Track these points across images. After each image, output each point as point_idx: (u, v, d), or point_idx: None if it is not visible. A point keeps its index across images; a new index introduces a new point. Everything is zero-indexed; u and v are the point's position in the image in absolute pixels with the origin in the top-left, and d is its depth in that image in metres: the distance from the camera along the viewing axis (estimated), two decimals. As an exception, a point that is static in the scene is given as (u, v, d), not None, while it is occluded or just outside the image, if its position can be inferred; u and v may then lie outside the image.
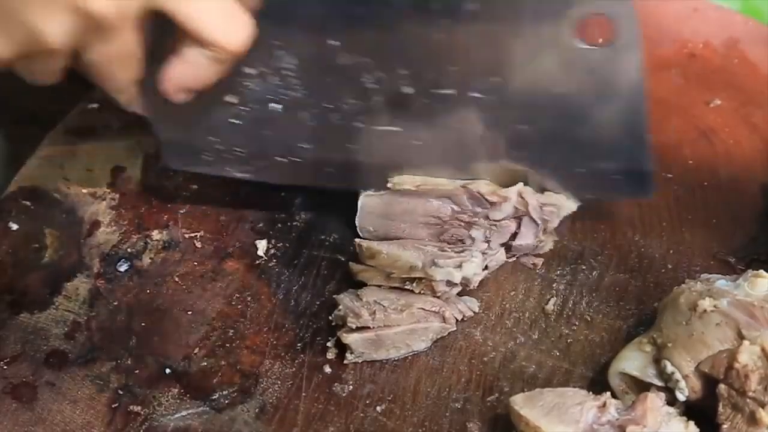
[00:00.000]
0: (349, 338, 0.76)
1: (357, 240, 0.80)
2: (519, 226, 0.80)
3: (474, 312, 0.80)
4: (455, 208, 0.80)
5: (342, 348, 0.78)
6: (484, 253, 0.79)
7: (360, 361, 0.78)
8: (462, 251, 0.79)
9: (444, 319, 0.78)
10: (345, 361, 0.77)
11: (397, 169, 0.80)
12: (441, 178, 0.79)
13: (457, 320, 0.79)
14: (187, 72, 0.70)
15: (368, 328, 0.76)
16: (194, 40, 0.68)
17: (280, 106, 0.78)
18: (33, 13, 0.62)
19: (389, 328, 0.76)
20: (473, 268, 0.77)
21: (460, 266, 0.76)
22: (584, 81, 0.76)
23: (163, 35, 0.69)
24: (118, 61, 0.67)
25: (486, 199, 0.78)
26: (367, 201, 0.82)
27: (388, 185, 0.80)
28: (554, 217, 0.80)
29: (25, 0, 0.61)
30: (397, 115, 0.78)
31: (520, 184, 0.79)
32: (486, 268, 0.80)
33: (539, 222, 0.79)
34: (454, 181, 0.79)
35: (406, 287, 0.78)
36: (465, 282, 0.77)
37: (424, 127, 0.78)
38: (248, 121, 0.79)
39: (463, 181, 0.79)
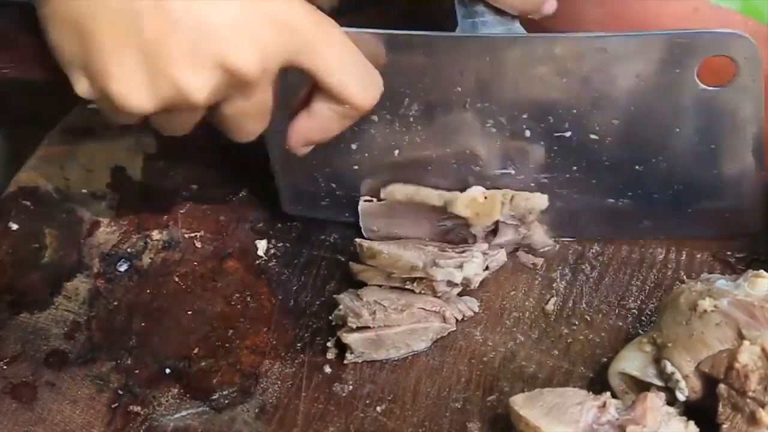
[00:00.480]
0: (349, 338, 0.76)
1: (357, 240, 0.81)
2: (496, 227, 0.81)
3: (474, 312, 0.80)
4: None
5: (342, 348, 0.78)
6: (484, 254, 0.79)
7: (360, 361, 0.78)
8: (463, 251, 0.79)
9: (444, 319, 0.78)
10: (345, 361, 0.77)
11: None
12: (430, 191, 0.79)
13: (457, 320, 0.79)
14: (314, 126, 0.71)
15: (368, 327, 0.76)
16: (326, 95, 0.69)
17: (399, 152, 0.80)
18: (180, 69, 0.63)
19: (389, 328, 0.76)
20: (474, 269, 0.77)
21: (461, 266, 0.76)
22: (705, 121, 0.76)
23: (289, 88, 0.71)
24: (250, 116, 0.69)
25: (465, 221, 0.79)
26: (366, 206, 0.82)
27: (381, 195, 0.81)
28: (528, 214, 0.80)
29: (173, 57, 0.63)
30: (515, 159, 0.79)
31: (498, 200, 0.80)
32: (487, 268, 0.80)
33: (514, 222, 0.80)
34: (442, 195, 0.79)
35: (406, 287, 0.78)
36: (466, 282, 0.77)
37: (542, 170, 0.80)
38: (369, 168, 0.81)
39: (450, 195, 0.79)
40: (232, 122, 0.69)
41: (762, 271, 0.71)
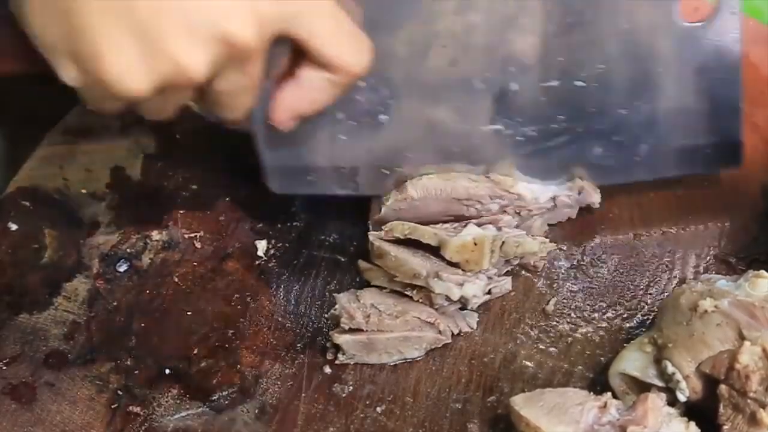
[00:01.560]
0: (341, 339, 0.76)
1: (371, 237, 0.79)
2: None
3: (472, 328, 0.79)
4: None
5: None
6: (489, 278, 0.78)
7: (353, 363, 0.77)
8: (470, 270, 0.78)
9: (439, 331, 0.77)
10: (336, 361, 0.77)
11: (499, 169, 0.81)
12: (427, 229, 0.78)
13: (453, 333, 0.78)
14: (303, 97, 0.70)
15: (361, 330, 0.76)
16: (316, 63, 0.68)
17: (387, 117, 0.79)
18: (177, 45, 0.61)
19: (382, 333, 0.76)
20: (474, 290, 0.76)
21: (462, 284, 0.76)
22: (685, 59, 0.78)
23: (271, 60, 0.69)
24: (244, 91, 0.67)
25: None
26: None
27: (379, 233, 0.79)
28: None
29: (170, 33, 0.61)
30: (501, 113, 0.79)
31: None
32: (489, 293, 0.79)
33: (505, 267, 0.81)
34: (437, 234, 0.78)
35: (406, 293, 0.78)
36: (463, 301, 0.77)
37: (529, 122, 0.80)
38: (355, 136, 0.80)
39: (444, 236, 0.78)
40: (225, 98, 0.67)
41: (762, 272, 0.71)
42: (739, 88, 0.80)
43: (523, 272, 0.83)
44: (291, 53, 0.69)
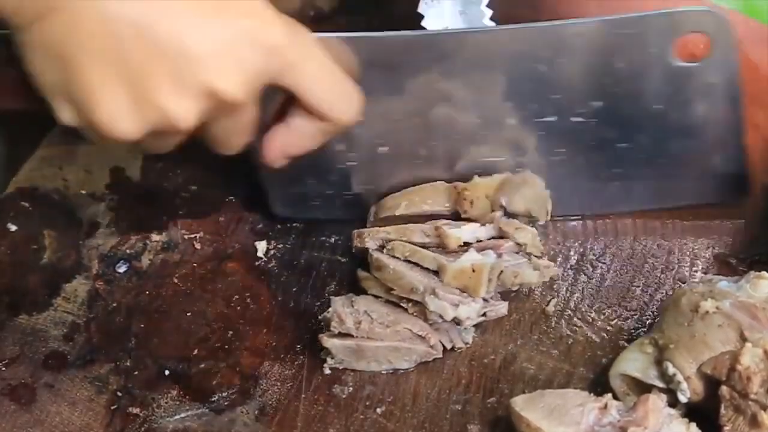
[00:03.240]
0: (329, 342, 0.76)
1: (371, 250, 0.79)
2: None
3: (467, 344, 0.78)
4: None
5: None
6: (485, 300, 0.77)
7: (341, 368, 0.77)
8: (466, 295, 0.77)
9: (430, 346, 0.77)
10: (324, 365, 0.77)
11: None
12: (427, 252, 0.78)
13: (445, 348, 0.78)
14: (292, 141, 0.71)
15: (350, 336, 0.76)
16: (306, 111, 0.69)
17: (387, 148, 0.81)
18: (166, 96, 0.63)
19: (372, 340, 0.76)
20: (468, 312, 0.76)
21: (457, 305, 0.75)
22: (684, 96, 0.78)
23: (267, 99, 0.70)
24: (237, 132, 0.68)
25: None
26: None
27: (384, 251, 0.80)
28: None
29: (159, 84, 0.62)
30: (497, 145, 0.81)
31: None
32: (484, 315, 0.78)
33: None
34: (436, 258, 0.77)
35: (402, 304, 0.77)
36: (457, 321, 0.76)
37: (529, 155, 0.81)
38: (357, 166, 0.82)
39: (443, 261, 0.78)
40: (219, 139, 0.69)
41: (764, 273, 0.71)
42: (740, 123, 0.81)
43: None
44: (286, 100, 0.70)
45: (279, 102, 0.70)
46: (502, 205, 0.80)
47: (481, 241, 0.79)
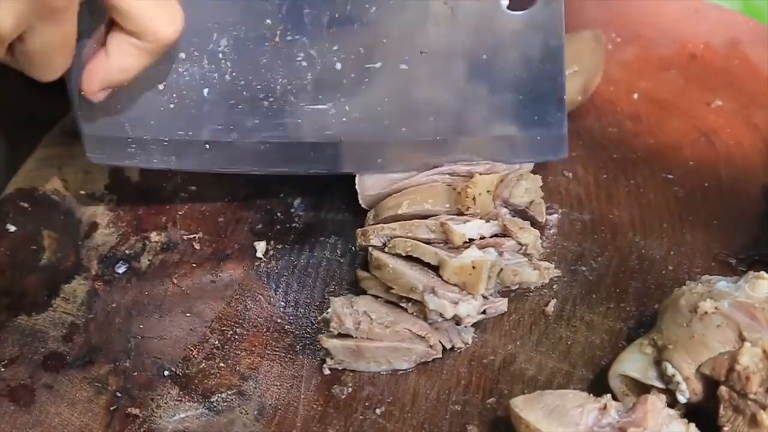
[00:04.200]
0: (328, 343, 0.76)
1: (370, 248, 0.79)
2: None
3: (467, 344, 0.78)
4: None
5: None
6: (485, 298, 0.77)
7: (340, 368, 0.77)
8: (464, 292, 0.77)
9: (430, 346, 0.77)
10: (324, 366, 0.77)
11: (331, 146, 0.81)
12: (428, 248, 0.77)
13: (444, 348, 0.78)
14: (113, 66, 0.69)
15: (350, 336, 0.76)
16: (125, 30, 0.67)
17: (209, 90, 0.78)
18: None
19: (371, 341, 0.76)
20: (468, 310, 0.76)
21: (456, 303, 0.75)
22: (508, 46, 0.78)
23: (88, 28, 0.69)
24: (57, 48, 0.66)
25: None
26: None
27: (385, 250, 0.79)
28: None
29: None
30: (327, 93, 0.79)
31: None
32: (484, 312, 0.78)
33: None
34: (438, 254, 0.77)
35: (401, 305, 0.77)
36: (456, 320, 0.76)
37: (354, 102, 0.80)
38: (177, 109, 0.79)
39: (444, 256, 0.77)
40: (38, 56, 0.66)
41: (763, 273, 0.71)
42: (562, 78, 0.80)
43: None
44: (106, 26, 0.68)
45: (100, 33, 0.68)
46: (505, 199, 0.80)
47: (484, 238, 0.79)
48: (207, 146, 0.80)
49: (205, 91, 0.78)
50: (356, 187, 0.83)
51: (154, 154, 0.80)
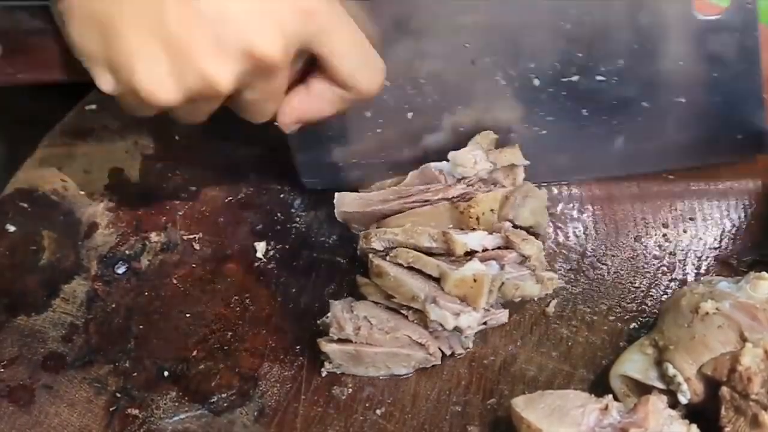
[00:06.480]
0: (327, 347, 0.76)
1: (371, 256, 0.79)
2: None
3: (468, 349, 0.78)
4: None
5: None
6: (486, 310, 0.77)
7: (338, 372, 0.77)
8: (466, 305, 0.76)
9: (429, 353, 0.76)
10: (322, 370, 0.77)
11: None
12: (429, 259, 0.77)
13: (444, 355, 0.77)
14: (311, 106, 0.72)
15: (349, 341, 0.75)
16: (330, 78, 0.70)
17: (412, 114, 0.81)
18: (206, 60, 0.64)
19: (370, 346, 0.75)
20: (469, 321, 0.75)
21: (458, 314, 0.75)
22: (705, 51, 0.79)
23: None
24: (270, 99, 0.70)
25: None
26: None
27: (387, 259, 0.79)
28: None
29: (198, 48, 0.64)
30: (525, 110, 0.82)
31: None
32: (485, 323, 0.78)
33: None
34: (440, 266, 0.77)
35: (401, 311, 0.77)
36: (458, 331, 0.76)
37: (553, 117, 0.82)
38: (384, 132, 0.82)
39: (445, 268, 0.77)
40: (252, 106, 0.70)
41: (764, 273, 0.71)
42: (759, 77, 0.81)
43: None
44: (305, 60, 0.70)
45: (298, 69, 0.70)
46: (509, 220, 0.80)
47: (486, 250, 0.78)
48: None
49: (409, 115, 0.82)
50: (334, 201, 0.83)
51: (364, 175, 0.85)
